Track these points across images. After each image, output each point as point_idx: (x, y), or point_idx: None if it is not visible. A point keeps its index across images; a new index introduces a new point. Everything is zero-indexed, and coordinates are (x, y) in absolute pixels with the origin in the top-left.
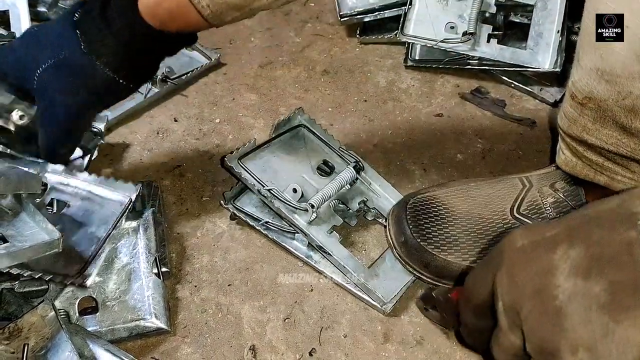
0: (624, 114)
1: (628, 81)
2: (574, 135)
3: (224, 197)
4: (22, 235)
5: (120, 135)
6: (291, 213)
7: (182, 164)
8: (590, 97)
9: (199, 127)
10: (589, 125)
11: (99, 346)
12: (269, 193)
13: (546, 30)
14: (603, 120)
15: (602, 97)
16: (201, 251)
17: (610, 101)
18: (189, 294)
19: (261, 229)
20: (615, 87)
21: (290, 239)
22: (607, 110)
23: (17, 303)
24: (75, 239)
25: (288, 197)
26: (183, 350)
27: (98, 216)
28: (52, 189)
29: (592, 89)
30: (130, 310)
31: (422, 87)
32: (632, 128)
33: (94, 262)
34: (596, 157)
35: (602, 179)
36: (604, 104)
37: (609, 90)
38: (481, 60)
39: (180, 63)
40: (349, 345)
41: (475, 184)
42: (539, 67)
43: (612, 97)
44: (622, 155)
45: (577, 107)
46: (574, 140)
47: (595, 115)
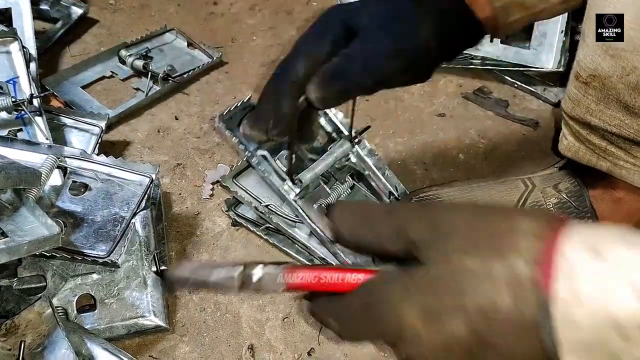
0: (628, 92)
1: (633, 55)
2: (577, 117)
3: (225, 204)
4: (21, 230)
5: (121, 133)
6: (291, 227)
7: (183, 162)
8: (595, 74)
9: (200, 125)
10: (592, 106)
11: (96, 344)
12: (266, 209)
13: (550, 30)
14: (607, 100)
15: (607, 73)
16: (200, 250)
17: (615, 78)
18: (188, 293)
19: (262, 234)
20: (620, 62)
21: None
22: (611, 89)
23: (15, 300)
24: (100, 220)
25: (278, 166)
26: (181, 349)
27: (119, 197)
28: (72, 172)
29: (597, 65)
30: (129, 308)
31: (425, 86)
32: (636, 107)
33: (122, 242)
34: (599, 140)
35: (605, 164)
36: (608, 81)
37: (614, 66)
38: (484, 60)
39: (182, 61)
40: (348, 345)
41: (478, 184)
42: (542, 67)
43: (617, 73)
44: (625, 138)
45: (582, 87)
46: (578, 123)
47: (599, 95)
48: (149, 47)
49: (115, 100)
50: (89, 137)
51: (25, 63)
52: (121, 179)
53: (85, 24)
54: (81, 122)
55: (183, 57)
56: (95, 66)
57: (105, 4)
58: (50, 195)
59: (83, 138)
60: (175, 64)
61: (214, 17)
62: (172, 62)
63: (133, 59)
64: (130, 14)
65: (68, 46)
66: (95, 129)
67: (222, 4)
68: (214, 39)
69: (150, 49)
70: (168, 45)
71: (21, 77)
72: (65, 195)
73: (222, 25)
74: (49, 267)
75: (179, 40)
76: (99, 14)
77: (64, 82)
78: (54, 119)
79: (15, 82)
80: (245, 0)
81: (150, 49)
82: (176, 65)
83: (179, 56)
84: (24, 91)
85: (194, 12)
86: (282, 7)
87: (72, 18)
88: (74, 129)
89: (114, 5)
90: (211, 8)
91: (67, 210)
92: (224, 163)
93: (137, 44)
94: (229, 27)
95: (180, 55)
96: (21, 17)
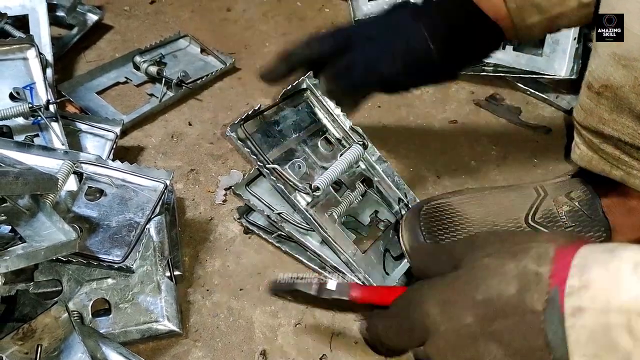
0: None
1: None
2: (590, 127)
3: (237, 212)
4: (39, 235)
5: (135, 138)
6: (303, 235)
7: (196, 168)
8: (607, 84)
9: (213, 131)
10: (605, 116)
11: (111, 349)
12: (279, 217)
13: (563, 37)
14: (619, 110)
15: (619, 83)
16: (213, 255)
17: (627, 88)
18: (201, 298)
19: (274, 241)
20: (632, 72)
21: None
22: (624, 98)
23: (31, 304)
24: (115, 226)
25: (289, 174)
26: (194, 354)
27: (134, 203)
28: (88, 178)
29: (609, 75)
30: (143, 313)
31: (437, 93)
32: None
33: (137, 247)
34: (612, 149)
35: (618, 173)
36: (620, 91)
37: (626, 76)
38: (496, 66)
39: (195, 67)
40: (360, 352)
41: (490, 192)
42: (555, 75)
43: (629, 83)
44: (638, 148)
45: (594, 97)
46: (590, 133)
47: (611, 105)
48: (163, 53)
49: (129, 106)
50: (104, 143)
51: (41, 69)
52: (136, 185)
53: (100, 30)
54: (96, 127)
55: (196, 63)
56: (110, 72)
57: (120, 10)
58: (67, 201)
59: (98, 143)
60: (189, 69)
61: (228, 24)
62: (186, 68)
63: (147, 65)
64: (145, 20)
65: (83, 52)
66: (110, 135)
67: (235, 11)
68: (227, 45)
69: (164, 55)
70: (182, 51)
71: (38, 83)
72: (81, 200)
73: (236, 32)
74: (65, 272)
75: (193, 47)
76: (113, 20)
77: (80, 88)
78: (69, 125)
79: (32, 88)
80: (258, 7)
81: (164, 55)
82: (189, 71)
83: (193, 62)
84: (40, 97)
85: (207, 19)
86: (295, 14)
87: (87, 24)
88: (89, 135)
89: (128, 12)
90: (225, 14)
91: (82, 216)
92: (237, 169)
93: (151, 50)
94: (242, 33)
95: (193, 61)
96: (38, 24)
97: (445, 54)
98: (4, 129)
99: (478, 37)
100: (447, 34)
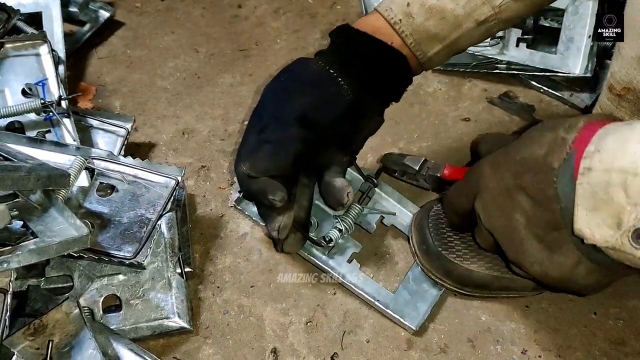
0: None
1: None
2: None
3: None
4: (51, 231)
5: (146, 135)
6: (308, 249)
7: (207, 165)
8: (630, 87)
9: (224, 128)
10: (626, 118)
11: (122, 345)
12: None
13: (577, 35)
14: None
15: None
16: (224, 252)
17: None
18: (212, 295)
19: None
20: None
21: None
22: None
23: (42, 300)
24: (126, 222)
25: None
26: (205, 351)
27: (145, 199)
28: (100, 174)
29: (632, 78)
30: (154, 309)
31: (449, 90)
32: None
33: (148, 244)
34: None
35: None
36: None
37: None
38: (510, 64)
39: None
40: (372, 351)
41: None
42: (569, 72)
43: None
44: None
45: (615, 99)
46: None
47: (633, 108)
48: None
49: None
50: (115, 139)
51: (54, 65)
52: (147, 181)
53: (112, 27)
54: (107, 123)
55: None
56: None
57: (131, 7)
58: (78, 197)
59: (109, 140)
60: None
61: (239, 20)
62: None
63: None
64: (156, 16)
65: (95, 48)
66: (122, 131)
67: (246, 7)
68: (238, 41)
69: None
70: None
71: (50, 80)
72: (93, 196)
73: (247, 29)
74: (76, 268)
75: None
76: (125, 17)
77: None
78: (81, 121)
79: (44, 84)
80: (269, 4)
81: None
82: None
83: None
84: (52, 93)
85: (218, 15)
86: (306, 11)
87: (99, 21)
88: (100, 131)
89: (140, 8)
90: (236, 11)
91: (94, 212)
92: None
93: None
94: (253, 30)
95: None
96: (51, 21)
97: (372, 94)
98: (16, 124)
99: (397, 74)
100: (363, 77)
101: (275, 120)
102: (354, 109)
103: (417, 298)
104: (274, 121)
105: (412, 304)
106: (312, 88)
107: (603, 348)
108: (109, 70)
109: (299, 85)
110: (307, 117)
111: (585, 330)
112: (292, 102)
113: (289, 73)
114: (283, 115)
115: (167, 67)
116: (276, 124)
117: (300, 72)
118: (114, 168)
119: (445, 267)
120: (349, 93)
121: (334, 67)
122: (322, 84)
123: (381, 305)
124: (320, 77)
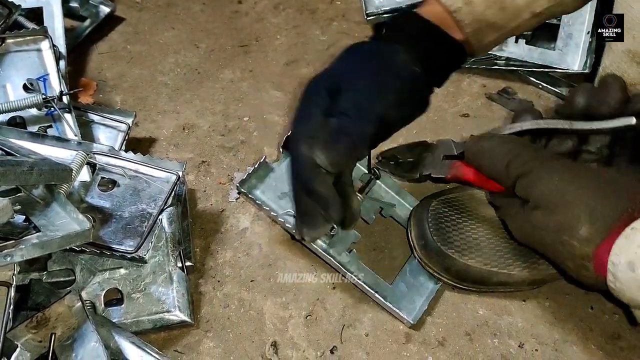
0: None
1: None
2: None
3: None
4: (53, 225)
5: (147, 130)
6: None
7: (208, 160)
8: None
9: (225, 123)
10: None
11: (124, 338)
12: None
13: (576, 31)
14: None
15: (633, 80)
16: (225, 246)
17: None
18: (212, 289)
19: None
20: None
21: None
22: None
23: (45, 293)
24: (128, 216)
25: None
26: (205, 344)
27: (146, 194)
28: (101, 169)
29: (622, 72)
30: (155, 303)
31: (448, 86)
32: None
33: (149, 238)
34: None
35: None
36: (634, 88)
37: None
38: (509, 60)
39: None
40: (371, 344)
41: None
42: (567, 69)
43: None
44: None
45: None
46: None
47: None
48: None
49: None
50: (116, 134)
51: (55, 61)
52: (148, 176)
53: (112, 23)
54: (109, 119)
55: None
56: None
57: (132, 2)
58: (80, 191)
59: (110, 135)
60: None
61: (239, 16)
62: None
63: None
64: (156, 12)
65: (95, 44)
66: (123, 126)
67: (246, 3)
68: (238, 37)
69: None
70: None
71: (51, 75)
72: (94, 191)
73: (247, 24)
74: (78, 262)
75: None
76: (125, 13)
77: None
78: (82, 116)
79: (45, 79)
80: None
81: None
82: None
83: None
84: (53, 88)
85: (219, 11)
86: (306, 6)
87: (100, 16)
88: (101, 126)
89: (140, 4)
90: (236, 7)
91: (96, 206)
92: (249, 162)
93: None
94: (253, 25)
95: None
96: (52, 16)
97: (430, 76)
98: (17, 119)
99: (450, 56)
100: (426, 55)
101: (358, 112)
102: (420, 101)
103: (414, 291)
104: (356, 112)
105: (409, 297)
106: (401, 86)
107: (599, 342)
108: (110, 66)
109: (390, 79)
110: (389, 117)
111: (582, 324)
112: (380, 97)
113: (380, 59)
114: (368, 108)
115: (167, 63)
116: (357, 116)
117: (392, 63)
118: (116, 163)
119: (444, 262)
120: (427, 93)
121: (418, 65)
122: (409, 82)
123: (379, 296)
124: (409, 74)
